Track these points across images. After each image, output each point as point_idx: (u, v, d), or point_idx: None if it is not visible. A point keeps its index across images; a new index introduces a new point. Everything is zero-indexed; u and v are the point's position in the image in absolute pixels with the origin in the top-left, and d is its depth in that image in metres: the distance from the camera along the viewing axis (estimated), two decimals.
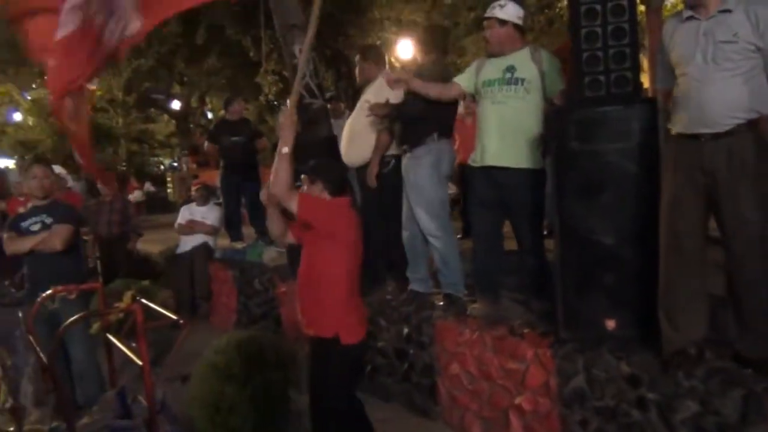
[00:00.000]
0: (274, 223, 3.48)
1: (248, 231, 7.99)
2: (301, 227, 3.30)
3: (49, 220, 4.35)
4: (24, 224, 4.39)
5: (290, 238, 3.48)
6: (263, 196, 3.48)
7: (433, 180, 4.31)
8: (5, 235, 4.48)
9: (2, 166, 19.04)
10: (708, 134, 2.82)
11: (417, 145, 4.31)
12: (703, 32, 2.82)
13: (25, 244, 4.33)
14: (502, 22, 3.87)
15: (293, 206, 3.12)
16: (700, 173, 2.86)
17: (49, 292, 3.78)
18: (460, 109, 5.59)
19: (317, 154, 4.75)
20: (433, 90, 4.17)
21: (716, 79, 2.79)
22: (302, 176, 3.39)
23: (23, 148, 22.73)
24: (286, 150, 3.16)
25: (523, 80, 3.84)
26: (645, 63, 7.03)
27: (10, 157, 23.76)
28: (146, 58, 17.09)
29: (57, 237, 4.27)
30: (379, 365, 4.69)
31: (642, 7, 7.43)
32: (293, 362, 4.27)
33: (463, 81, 4.14)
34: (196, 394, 4.08)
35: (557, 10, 12.85)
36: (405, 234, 4.59)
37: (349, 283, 3.25)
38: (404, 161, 4.44)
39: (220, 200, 8.46)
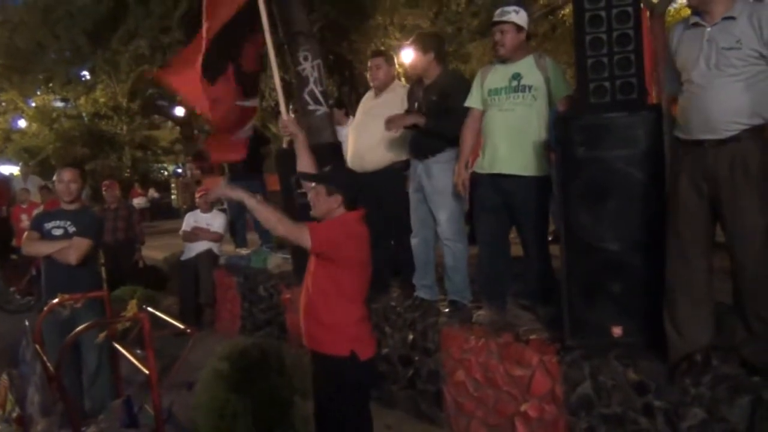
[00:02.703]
0: (303, 164, 3.54)
1: (253, 237, 8.00)
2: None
3: (72, 229, 4.31)
4: (47, 225, 4.34)
5: None
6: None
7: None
8: (26, 233, 4.45)
9: (7, 173, 19.11)
10: (712, 140, 2.81)
11: (441, 151, 4.29)
12: (707, 39, 2.82)
13: (41, 249, 4.31)
14: (519, 28, 3.87)
15: (306, 242, 2.94)
16: (704, 179, 2.86)
17: (55, 300, 3.79)
18: None
19: (322, 161, 4.74)
20: (461, 131, 4.12)
21: (719, 85, 2.78)
22: (312, 185, 3.20)
23: (27, 154, 22.85)
24: (255, 201, 3.02)
25: (530, 87, 3.84)
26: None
27: (15, 163, 23.85)
28: (151, 64, 17.18)
29: (74, 251, 4.23)
30: (383, 372, 4.68)
31: (646, 13, 7.43)
32: (298, 368, 4.27)
33: (476, 102, 4.08)
34: (200, 401, 4.08)
35: (560, 16, 12.88)
36: (415, 240, 4.58)
37: (361, 300, 3.15)
38: (423, 166, 4.38)
39: (225, 206, 8.49)
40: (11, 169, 21.75)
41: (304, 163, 3.55)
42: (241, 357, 4.12)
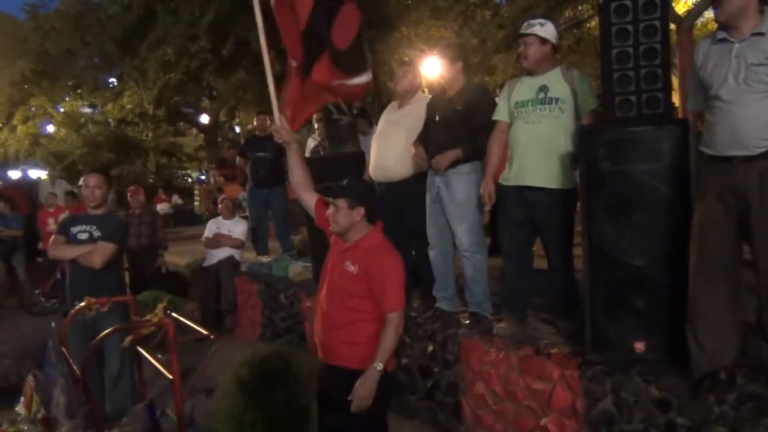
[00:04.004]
0: (294, 173, 3.42)
1: (274, 245, 8.04)
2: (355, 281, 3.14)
3: (97, 234, 4.38)
4: (73, 230, 4.42)
5: (309, 199, 3.40)
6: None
7: (476, 197, 4.27)
8: (52, 236, 4.55)
9: (35, 177, 19.42)
10: (740, 156, 2.79)
11: (460, 162, 4.27)
12: (736, 54, 2.80)
13: (66, 253, 4.39)
14: (544, 41, 3.87)
15: (401, 311, 3.14)
16: (732, 196, 2.83)
17: (82, 304, 3.84)
18: None
19: (345, 170, 4.76)
20: (489, 149, 4.13)
21: (748, 101, 2.76)
22: (332, 200, 3.15)
23: (55, 159, 23.22)
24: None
25: (557, 99, 3.82)
26: (675, 82, 6.98)
27: (43, 168, 24.25)
28: (176, 72, 17.39)
29: (98, 255, 4.30)
30: (403, 382, 4.67)
31: (673, 26, 7.40)
32: (317, 377, 4.28)
33: (503, 115, 4.07)
34: (220, 408, 4.10)
35: (586, 28, 12.84)
36: (432, 253, 4.56)
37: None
38: (441, 177, 4.35)
39: (246, 213, 8.53)
40: (39, 173, 22.13)
41: (297, 173, 3.44)
42: (262, 364, 4.14)
